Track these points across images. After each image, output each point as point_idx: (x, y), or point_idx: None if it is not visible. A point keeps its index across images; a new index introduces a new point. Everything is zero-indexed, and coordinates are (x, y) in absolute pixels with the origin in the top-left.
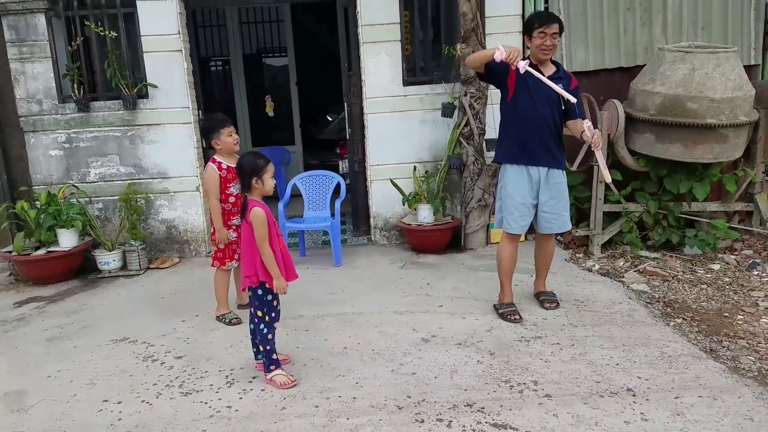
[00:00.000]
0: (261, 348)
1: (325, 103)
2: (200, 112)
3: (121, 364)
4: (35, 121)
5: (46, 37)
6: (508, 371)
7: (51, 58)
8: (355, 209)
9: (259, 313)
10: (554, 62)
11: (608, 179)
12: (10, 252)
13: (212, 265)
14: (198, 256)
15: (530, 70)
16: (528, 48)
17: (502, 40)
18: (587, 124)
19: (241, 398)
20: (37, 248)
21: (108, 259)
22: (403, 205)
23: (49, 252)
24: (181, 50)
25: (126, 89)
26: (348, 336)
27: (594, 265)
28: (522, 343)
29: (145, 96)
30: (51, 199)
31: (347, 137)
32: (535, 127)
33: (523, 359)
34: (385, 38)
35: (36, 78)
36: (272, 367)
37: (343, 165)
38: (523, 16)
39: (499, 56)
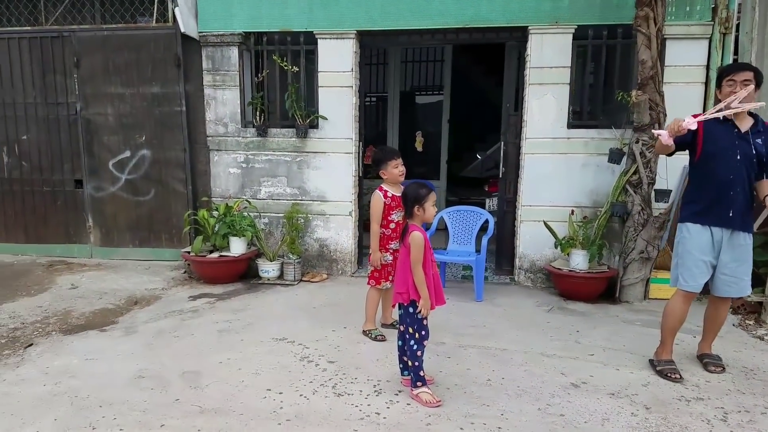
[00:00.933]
0: (410, 364)
1: (471, 141)
2: (361, 143)
3: (281, 360)
4: (220, 142)
5: (237, 68)
6: (665, 427)
7: (239, 86)
8: (499, 248)
9: (410, 330)
10: (752, 114)
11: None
12: (189, 252)
13: (368, 283)
14: (344, 274)
15: (700, 118)
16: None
17: (682, 90)
18: None
19: (388, 408)
20: (210, 251)
21: (269, 268)
22: (555, 248)
23: (221, 256)
24: (352, 86)
25: (300, 119)
26: (492, 369)
27: (766, 334)
28: (681, 402)
29: (316, 126)
30: (228, 210)
31: (500, 175)
32: (725, 187)
33: (682, 418)
34: (554, 81)
35: (225, 103)
36: (419, 384)
37: (491, 203)
38: (707, 66)
39: (666, 140)
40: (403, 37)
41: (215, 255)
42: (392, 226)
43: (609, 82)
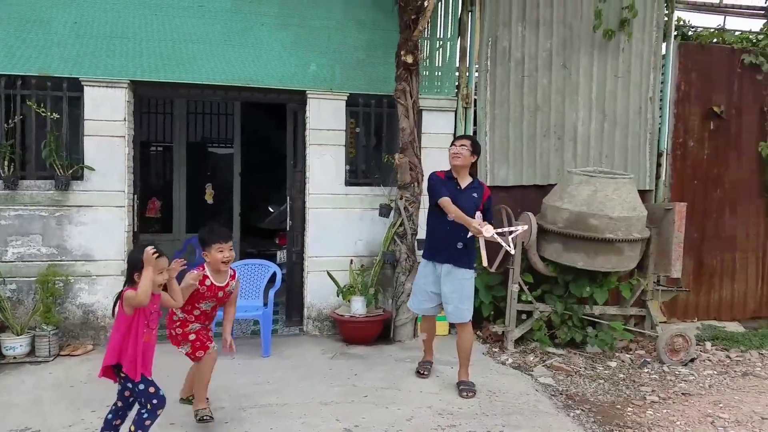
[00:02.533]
0: None
1: (267, 194)
2: (136, 196)
3: None
4: None
5: None
6: None
7: None
8: (289, 299)
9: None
10: (471, 175)
11: (485, 263)
12: None
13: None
14: None
15: (495, 234)
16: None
17: (436, 153)
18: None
19: None
20: None
21: (14, 344)
22: (338, 296)
23: None
24: (125, 136)
25: (60, 170)
26: (269, 428)
27: (507, 359)
28: (438, 430)
29: (80, 178)
30: None
31: (287, 229)
32: (445, 232)
33: None
34: (331, 142)
35: None
36: None
37: (281, 255)
38: (454, 134)
39: (486, 234)
40: (183, 90)
41: None
42: (196, 312)
43: (380, 144)
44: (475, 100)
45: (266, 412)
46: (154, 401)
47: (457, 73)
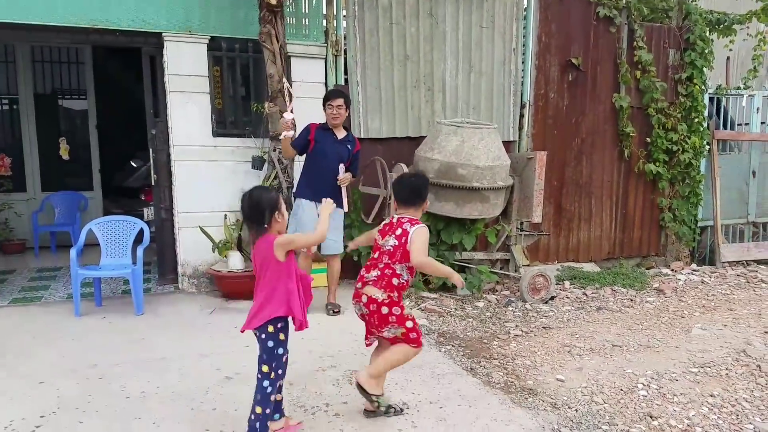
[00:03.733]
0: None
1: (131, 149)
2: None
3: None
4: None
5: None
6: (304, 397)
7: None
8: (161, 257)
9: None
10: (345, 128)
11: (346, 208)
12: None
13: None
14: None
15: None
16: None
17: (309, 103)
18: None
19: None
20: None
21: None
22: (213, 252)
23: None
24: None
25: None
26: (147, 380)
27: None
28: (319, 372)
29: None
30: None
31: (152, 184)
32: (323, 174)
33: (317, 385)
34: (194, 89)
35: None
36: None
37: (149, 212)
38: (326, 84)
39: (285, 133)
40: (22, 32)
41: None
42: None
43: (248, 93)
44: (345, 48)
45: (142, 367)
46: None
47: (324, 20)
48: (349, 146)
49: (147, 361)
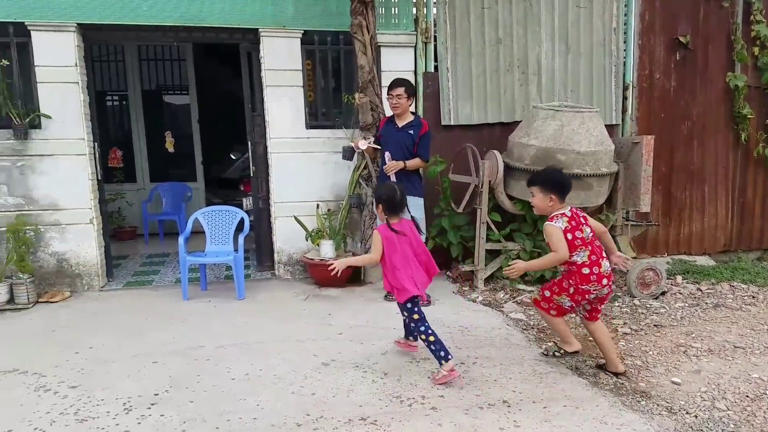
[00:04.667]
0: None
1: (229, 142)
2: (97, 144)
3: (11, 395)
4: None
5: None
6: (399, 388)
7: None
8: (258, 245)
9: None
10: (412, 113)
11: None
12: None
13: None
14: (91, 290)
15: (370, 146)
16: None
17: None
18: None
19: (139, 423)
20: None
21: None
22: (307, 240)
23: None
24: (78, 82)
25: (17, 119)
26: (250, 363)
27: (478, 297)
28: (413, 364)
29: (38, 126)
30: None
31: (251, 175)
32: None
33: (412, 377)
34: (288, 83)
35: None
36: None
37: (247, 202)
38: (415, 72)
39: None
40: (132, 33)
41: None
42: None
43: (339, 85)
44: (435, 35)
45: (246, 349)
46: None
47: (414, 8)
48: (411, 131)
49: (249, 344)
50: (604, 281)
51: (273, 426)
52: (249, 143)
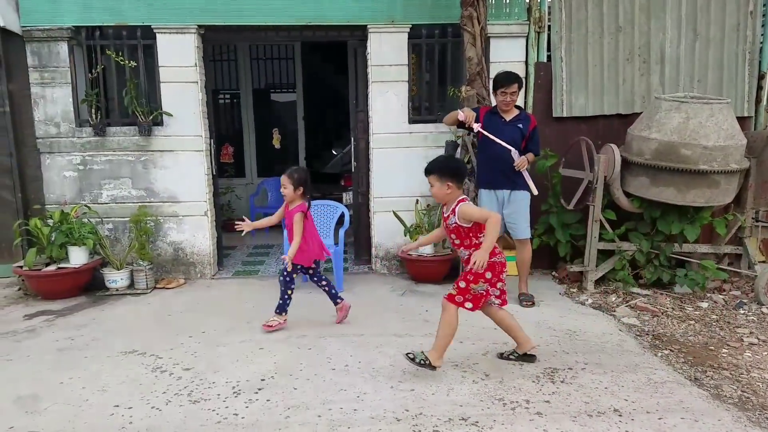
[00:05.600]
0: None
1: (329, 138)
2: (212, 141)
3: (130, 373)
4: (52, 143)
5: (68, 64)
6: (502, 390)
7: (71, 84)
8: (357, 239)
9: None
10: (517, 107)
11: (534, 192)
12: (21, 267)
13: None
14: (203, 278)
15: (482, 131)
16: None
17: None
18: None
19: (247, 407)
20: (47, 264)
21: (116, 278)
22: (405, 236)
23: (59, 268)
24: (197, 82)
25: (142, 116)
26: (350, 355)
27: (587, 300)
28: (515, 366)
29: (160, 123)
30: (64, 217)
31: (352, 170)
32: (496, 160)
33: (515, 380)
34: (394, 78)
35: (55, 102)
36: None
37: (347, 197)
38: (526, 62)
39: (461, 117)
40: (248, 33)
41: (52, 267)
42: None
43: (444, 78)
44: (549, 24)
45: (345, 341)
46: None
47: None
48: (521, 125)
49: (348, 336)
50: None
51: (373, 418)
52: (352, 139)
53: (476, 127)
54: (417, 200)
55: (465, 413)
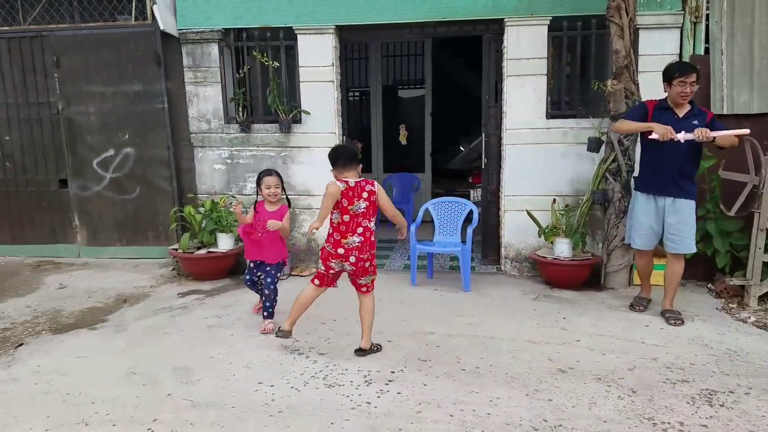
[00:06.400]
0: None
1: (456, 134)
2: (344, 137)
3: (272, 353)
4: (203, 138)
5: (218, 65)
6: (651, 409)
7: (221, 83)
8: (484, 238)
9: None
10: (689, 102)
11: (744, 131)
12: (176, 249)
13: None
14: None
15: (688, 137)
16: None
17: (656, 78)
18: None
19: (379, 397)
20: (198, 248)
21: None
22: (539, 237)
23: (209, 252)
24: (333, 81)
25: (283, 114)
26: (480, 357)
27: (749, 317)
28: (667, 384)
29: (299, 121)
30: (213, 206)
31: (482, 167)
32: (665, 162)
33: (667, 400)
34: (531, 72)
35: (207, 100)
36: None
37: (475, 194)
38: (680, 55)
39: (656, 136)
40: (382, 31)
41: (203, 251)
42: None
43: (585, 72)
44: (707, 13)
45: (475, 342)
46: None
47: None
48: (695, 122)
49: (478, 338)
50: (347, 255)
51: (507, 425)
52: (482, 135)
53: (682, 137)
54: (554, 199)
55: (609, 430)
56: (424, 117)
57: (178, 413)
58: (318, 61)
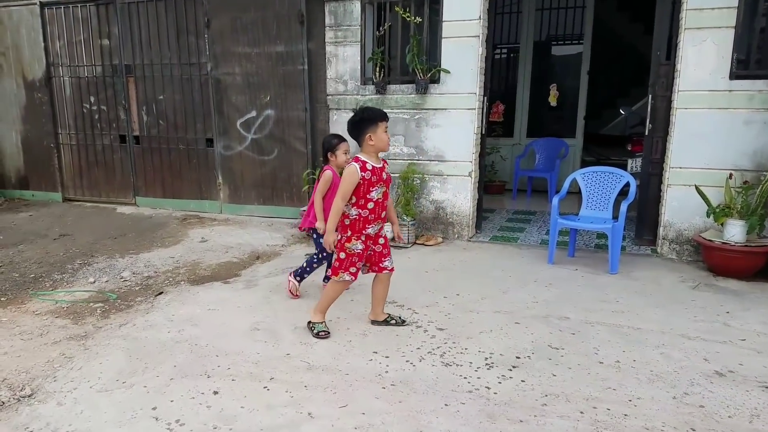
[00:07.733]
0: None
1: (613, 96)
2: (485, 99)
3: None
4: (339, 100)
5: (359, 23)
6: None
7: (360, 42)
8: (640, 215)
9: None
10: None
11: None
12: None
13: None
14: (460, 239)
15: None
16: None
17: None
18: None
19: (500, 383)
20: None
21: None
22: (707, 217)
23: None
24: (479, 36)
25: (421, 74)
26: (622, 350)
27: None
28: None
29: (437, 81)
30: None
31: (645, 133)
32: None
33: None
34: (715, 24)
35: (345, 61)
36: (297, 278)
37: (633, 164)
38: None
39: None
40: None
41: None
42: (370, 206)
43: None
44: None
45: (617, 332)
46: None
47: None
48: None
49: (621, 328)
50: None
51: (647, 430)
52: (649, 96)
53: None
54: (730, 174)
55: None
56: (579, 76)
57: (294, 374)
58: (464, 15)
